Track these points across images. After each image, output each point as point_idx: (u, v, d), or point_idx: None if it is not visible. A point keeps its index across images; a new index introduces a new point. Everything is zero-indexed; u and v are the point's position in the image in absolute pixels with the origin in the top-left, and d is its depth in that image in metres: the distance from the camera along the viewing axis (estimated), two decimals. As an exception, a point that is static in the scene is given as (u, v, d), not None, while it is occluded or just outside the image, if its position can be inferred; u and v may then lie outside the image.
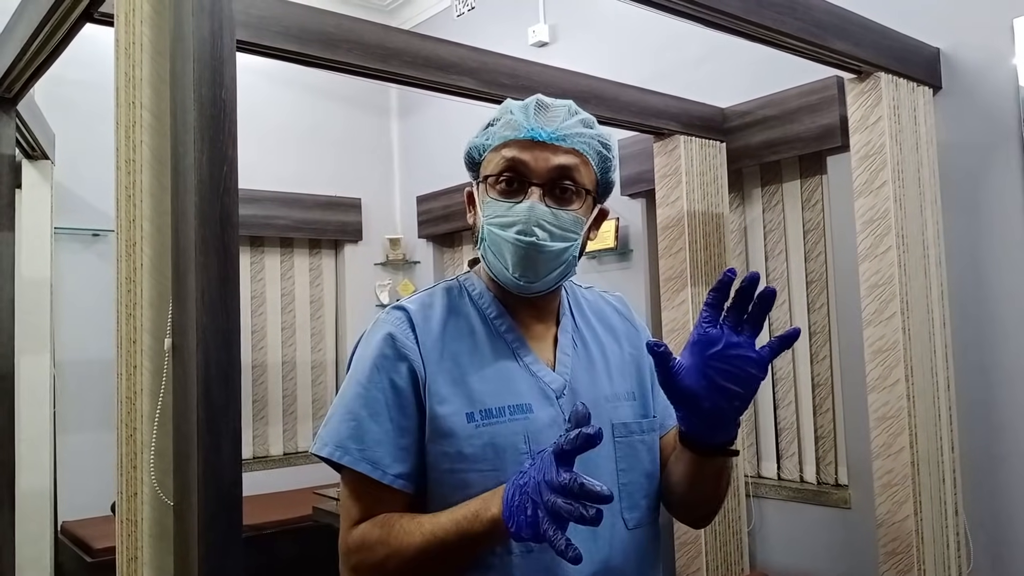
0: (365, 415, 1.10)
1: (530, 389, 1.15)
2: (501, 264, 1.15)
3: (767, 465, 3.19)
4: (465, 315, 1.20)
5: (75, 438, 3.61)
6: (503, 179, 1.14)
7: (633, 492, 1.19)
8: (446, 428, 1.10)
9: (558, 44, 3.97)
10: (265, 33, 1.95)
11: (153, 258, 1.29)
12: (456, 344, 1.16)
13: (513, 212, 1.13)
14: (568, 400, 1.17)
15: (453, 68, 2.36)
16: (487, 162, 1.18)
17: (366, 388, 1.11)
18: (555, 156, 1.14)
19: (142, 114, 1.32)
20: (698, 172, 3.04)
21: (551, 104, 1.18)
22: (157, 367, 1.27)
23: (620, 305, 1.37)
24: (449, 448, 1.10)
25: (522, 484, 0.96)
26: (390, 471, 1.09)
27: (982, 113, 2.54)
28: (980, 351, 2.55)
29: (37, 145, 2.95)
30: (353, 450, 1.09)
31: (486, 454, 1.09)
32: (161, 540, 1.28)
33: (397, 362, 1.12)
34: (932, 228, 2.54)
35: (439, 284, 1.26)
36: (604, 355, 1.26)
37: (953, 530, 2.48)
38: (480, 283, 1.24)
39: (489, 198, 1.16)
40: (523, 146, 1.13)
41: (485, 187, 1.17)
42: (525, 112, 1.16)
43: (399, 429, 1.10)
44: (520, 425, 1.12)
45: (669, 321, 3.04)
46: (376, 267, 4.88)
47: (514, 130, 1.15)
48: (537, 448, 1.10)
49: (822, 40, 2.24)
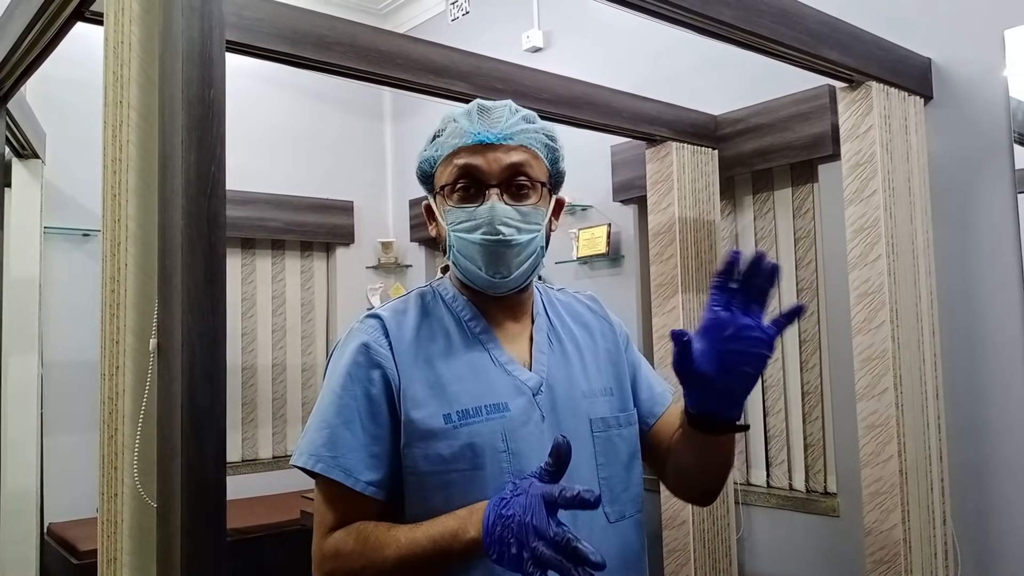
0: (338, 423, 1.12)
1: (506, 388, 1.17)
2: (474, 267, 1.17)
3: (756, 473, 3.19)
4: (439, 319, 1.22)
5: (62, 439, 3.59)
6: (460, 186, 1.17)
7: (613, 486, 1.21)
8: (423, 430, 1.12)
9: (552, 50, 3.97)
10: (258, 35, 1.94)
11: (138, 258, 1.28)
12: (430, 347, 1.18)
13: (476, 215, 1.16)
14: (546, 397, 1.19)
15: (446, 72, 2.35)
16: (440, 173, 1.20)
17: (339, 397, 1.14)
18: (506, 156, 1.17)
19: (130, 113, 1.31)
20: (690, 179, 3.05)
21: (492, 106, 1.21)
22: (140, 368, 1.26)
23: (593, 303, 1.39)
24: (428, 450, 1.11)
25: (505, 515, 0.96)
26: (363, 478, 1.11)
27: (972, 123, 2.55)
28: (969, 360, 2.55)
29: (27, 144, 2.93)
30: (326, 458, 1.11)
31: (464, 454, 1.11)
32: (143, 542, 1.26)
33: (370, 370, 1.14)
34: (922, 237, 2.54)
35: (413, 291, 1.29)
36: (580, 352, 1.28)
37: (941, 539, 2.49)
38: (453, 287, 1.26)
39: (449, 206, 1.18)
40: (473, 151, 1.16)
41: (443, 197, 1.20)
42: (469, 118, 1.19)
43: (372, 437, 1.12)
44: (497, 424, 1.13)
45: (660, 327, 3.04)
46: (368, 270, 4.88)
47: (461, 137, 1.17)
48: (515, 445, 1.12)
49: (814, 49, 2.24)
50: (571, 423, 1.19)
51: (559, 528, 0.92)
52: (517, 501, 0.97)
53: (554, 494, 0.94)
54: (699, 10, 1.94)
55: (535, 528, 0.93)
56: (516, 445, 1.13)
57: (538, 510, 0.94)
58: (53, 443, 3.53)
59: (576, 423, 1.20)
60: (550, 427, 1.17)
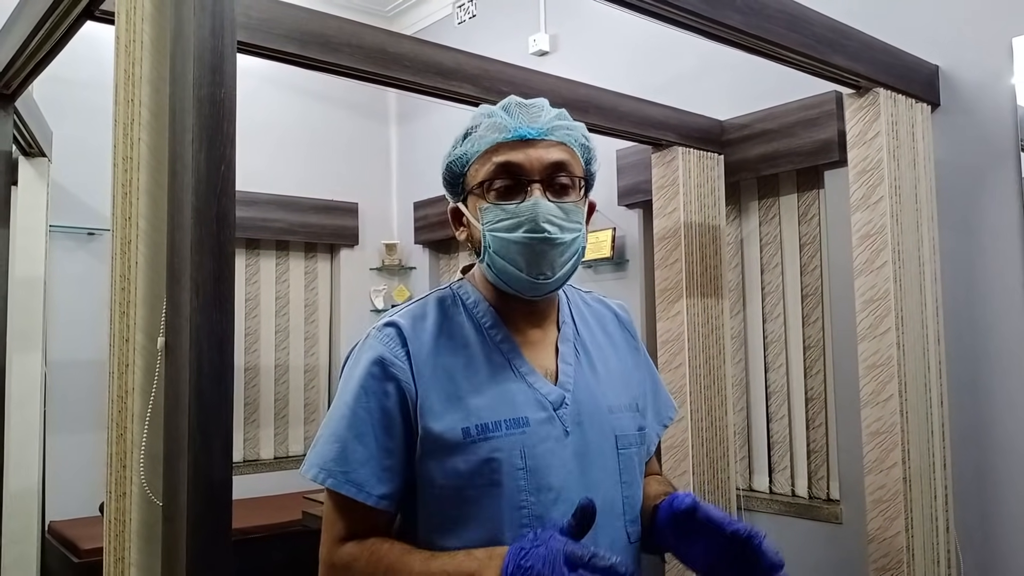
0: (350, 437, 1.10)
1: (526, 401, 1.13)
2: (513, 268, 1.12)
3: (759, 479, 3.19)
4: (459, 325, 1.17)
5: (64, 438, 3.59)
6: (499, 183, 1.12)
7: (634, 505, 1.19)
8: (440, 444, 1.09)
9: (558, 53, 3.97)
10: (266, 35, 1.94)
11: (148, 256, 1.28)
12: (449, 358, 1.14)
13: (518, 212, 1.11)
14: (571, 411, 1.15)
15: (453, 74, 2.36)
16: (474, 171, 1.15)
17: (352, 410, 1.11)
18: (547, 152, 1.13)
19: (141, 112, 1.31)
20: (695, 184, 3.05)
21: (530, 102, 1.17)
22: (149, 366, 1.26)
23: (622, 312, 1.36)
24: (445, 464, 1.09)
25: (525, 567, 0.94)
26: (374, 492, 1.09)
27: (979, 131, 2.55)
28: (973, 368, 2.55)
29: (34, 142, 2.93)
30: (337, 473, 1.09)
31: (482, 470, 1.08)
32: (149, 541, 1.26)
33: (385, 383, 1.11)
34: (928, 244, 2.54)
35: (432, 293, 1.23)
36: (606, 364, 1.24)
37: (944, 547, 2.48)
38: (475, 292, 1.21)
39: (486, 204, 1.13)
40: (513, 147, 1.12)
41: (477, 196, 1.15)
42: (508, 112, 1.15)
43: (385, 450, 1.10)
44: (517, 439, 1.10)
45: (664, 332, 3.04)
46: (371, 272, 4.88)
47: (500, 131, 1.13)
48: (533, 462, 1.09)
49: (822, 55, 2.24)
50: (597, 439, 1.16)
51: None
52: (537, 553, 0.94)
53: (583, 558, 0.92)
54: (707, 14, 1.95)
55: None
56: (534, 462, 1.09)
57: (559, 566, 0.92)
58: (55, 442, 3.53)
59: (602, 439, 1.17)
60: (575, 441, 1.13)
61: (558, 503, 1.09)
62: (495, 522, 1.07)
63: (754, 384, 3.23)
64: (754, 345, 3.23)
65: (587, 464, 1.13)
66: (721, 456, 3.05)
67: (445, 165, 1.19)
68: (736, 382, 3.25)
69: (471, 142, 1.16)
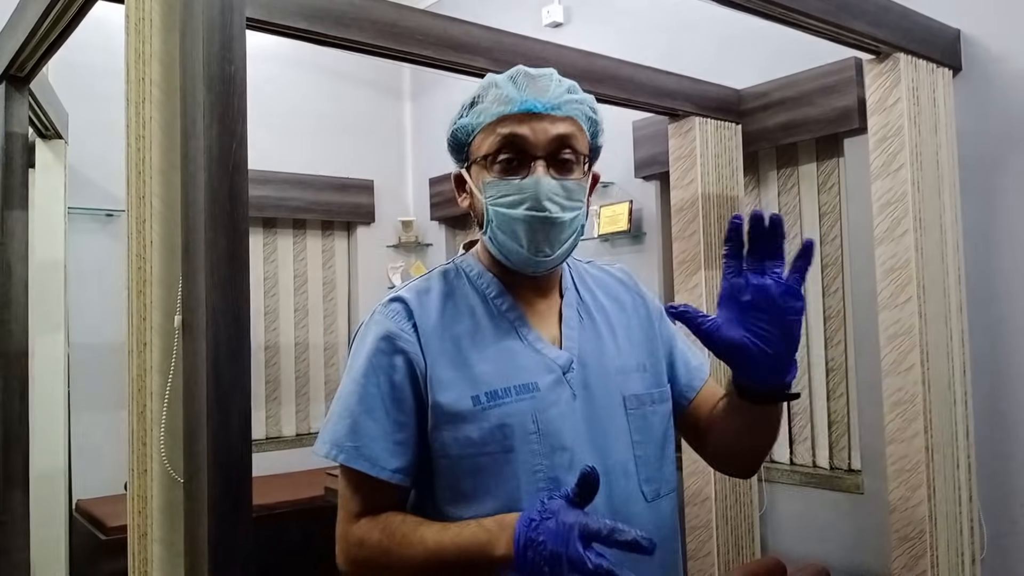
0: (360, 411, 1.10)
1: (535, 367, 1.13)
2: (514, 244, 1.12)
3: (779, 450, 3.18)
4: (464, 297, 1.18)
5: (89, 418, 3.64)
6: (502, 157, 1.12)
7: (650, 463, 1.18)
8: (452, 413, 1.09)
9: (572, 25, 3.93)
10: (277, 11, 1.93)
11: (163, 235, 1.29)
12: (456, 327, 1.14)
13: (520, 189, 1.10)
14: (577, 375, 1.15)
15: (466, 48, 2.33)
16: (479, 142, 1.14)
17: (362, 386, 1.11)
18: (552, 126, 1.11)
19: (152, 90, 1.31)
20: (713, 154, 3.01)
21: (538, 74, 1.15)
22: (167, 345, 1.27)
23: (624, 276, 1.35)
24: (457, 433, 1.09)
25: (537, 541, 0.95)
26: (388, 467, 1.09)
27: (1002, 96, 2.50)
28: (996, 336, 2.52)
29: (51, 125, 2.95)
30: (349, 448, 1.09)
31: (495, 436, 1.08)
32: (171, 517, 1.28)
33: (392, 356, 1.11)
34: (950, 212, 2.50)
35: (435, 269, 1.24)
36: (611, 327, 1.24)
37: (967, 516, 2.47)
38: (478, 264, 1.22)
39: (489, 178, 1.13)
40: (519, 120, 1.10)
41: (481, 168, 1.14)
42: (515, 84, 1.13)
43: (395, 424, 1.10)
44: (527, 404, 1.10)
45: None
46: (388, 249, 4.88)
47: (506, 104, 1.11)
48: (545, 427, 1.10)
49: (841, 20, 2.20)
50: (604, 400, 1.16)
51: (598, 560, 0.92)
52: (547, 526, 0.95)
53: (600, 532, 0.93)
54: (723, -19, 1.92)
55: (570, 561, 0.92)
56: (546, 426, 1.10)
57: (573, 541, 0.92)
58: (80, 422, 3.58)
59: (610, 400, 1.17)
60: (582, 405, 1.14)
61: (573, 465, 1.09)
62: (512, 489, 1.08)
63: (774, 356, 3.21)
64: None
65: (596, 426, 1.14)
66: (741, 428, 3.03)
67: (450, 132, 1.19)
68: (756, 354, 3.22)
69: (477, 112, 1.15)
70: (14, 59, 2.29)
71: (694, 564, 2.96)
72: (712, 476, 2.92)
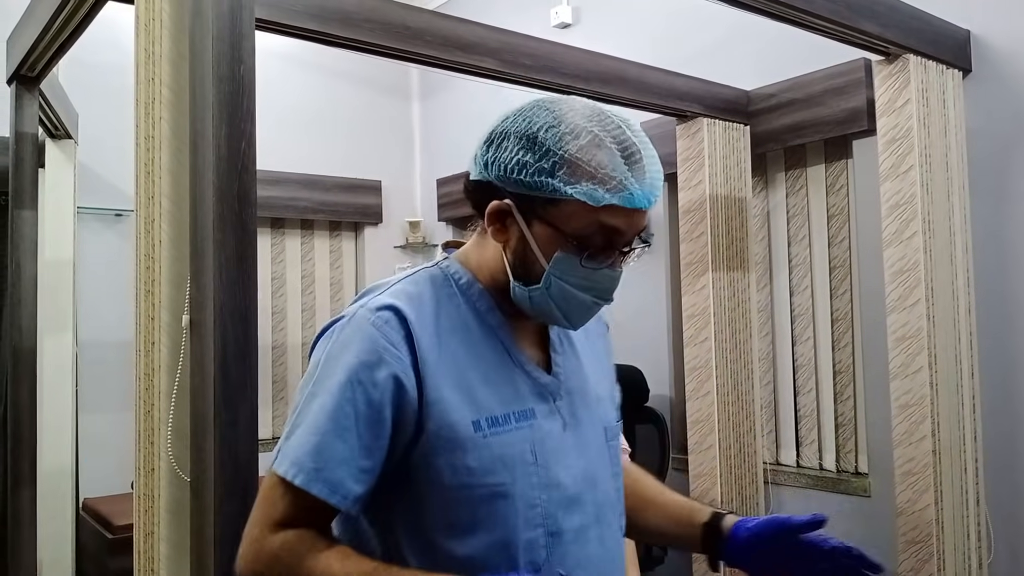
0: (330, 430, 0.97)
1: (529, 392, 1.06)
2: (559, 313, 1.04)
3: (786, 452, 3.17)
4: (456, 307, 1.07)
5: (97, 417, 3.65)
6: (596, 244, 1.00)
7: (623, 497, 1.16)
8: (450, 439, 0.99)
9: (581, 26, 3.93)
10: (285, 12, 1.93)
11: (172, 235, 1.29)
12: (453, 340, 1.04)
13: (597, 280, 1.02)
14: (566, 403, 1.09)
15: (474, 48, 2.34)
16: (567, 212, 0.98)
17: (337, 401, 0.97)
18: (643, 218, 1.02)
19: (161, 90, 1.32)
20: (721, 155, 3.01)
21: (646, 155, 1.00)
22: (175, 344, 1.27)
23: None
24: (455, 461, 0.99)
25: None
26: (348, 495, 0.97)
27: (1012, 97, 2.49)
28: (1005, 340, 2.51)
29: (60, 124, 2.96)
30: (310, 468, 0.96)
31: (494, 467, 0.99)
32: (178, 516, 1.28)
33: (376, 373, 0.98)
34: (959, 214, 2.49)
35: (420, 271, 1.11)
36: (585, 352, 1.18)
37: (974, 520, 2.45)
38: (467, 272, 1.10)
39: (567, 255, 1.00)
40: (625, 212, 0.98)
41: (557, 235, 1.00)
42: (636, 172, 0.98)
43: (365, 449, 0.97)
44: (526, 433, 1.03)
45: (689, 306, 3.02)
46: (396, 250, 4.88)
47: (623, 199, 0.97)
48: (543, 458, 1.03)
49: (851, 21, 2.20)
50: (590, 431, 1.11)
51: None
52: None
53: None
54: (732, -18, 1.91)
55: None
56: (544, 458, 1.03)
57: None
58: (87, 421, 3.58)
59: (594, 431, 1.12)
60: (572, 435, 1.08)
61: (568, 501, 1.04)
62: (508, 524, 1.00)
63: (781, 358, 3.21)
64: (781, 318, 3.20)
65: (585, 458, 1.08)
66: (748, 430, 3.03)
67: (523, 175, 0.99)
68: (763, 356, 3.22)
69: (581, 188, 0.97)
70: (24, 59, 2.30)
71: (700, 567, 2.95)
72: (719, 479, 2.91)
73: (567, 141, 0.98)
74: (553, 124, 0.99)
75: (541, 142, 0.98)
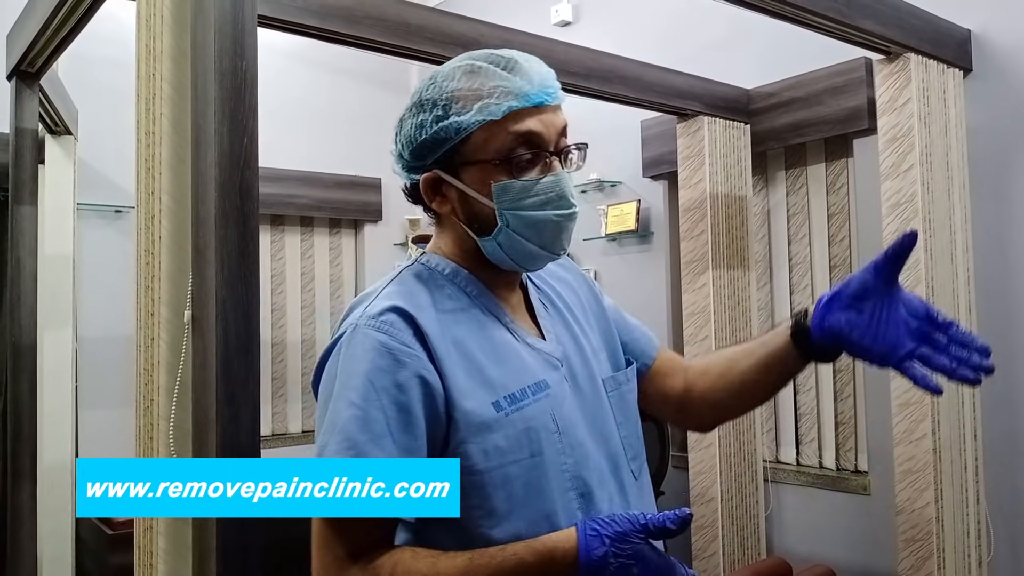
0: (365, 440, 0.95)
1: (538, 364, 1.08)
2: (533, 246, 1.05)
3: (786, 451, 3.17)
4: (448, 297, 1.08)
5: (97, 413, 3.64)
6: (521, 157, 1.02)
7: (633, 443, 1.17)
8: (476, 424, 0.99)
9: (581, 24, 3.92)
10: (286, 8, 1.93)
11: (171, 231, 1.29)
12: (455, 329, 1.04)
13: (545, 189, 1.03)
14: (567, 368, 1.11)
15: (475, 45, 2.33)
16: (480, 141, 1.02)
17: (363, 410, 0.96)
18: (556, 117, 1.04)
19: (162, 86, 1.31)
20: (721, 154, 3.01)
21: (528, 58, 1.06)
22: (175, 340, 1.27)
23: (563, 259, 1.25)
24: (485, 444, 0.99)
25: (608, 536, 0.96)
26: None
27: (1013, 96, 2.49)
28: (1005, 338, 2.51)
29: (60, 120, 2.95)
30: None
31: (522, 441, 1.01)
32: (179, 512, 1.28)
33: (397, 375, 0.97)
34: (960, 213, 2.49)
35: (401, 271, 1.12)
36: (571, 311, 1.20)
37: (974, 518, 2.46)
38: (449, 263, 1.11)
39: (503, 179, 1.02)
40: (531, 114, 1.01)
41: (485, 169, 1.03)
42: (515, 73, 1.03)
43: (404, 452, 0.96)
44: (545, 404, 1.04)
45: (690, 304, 3.02)
46: (395, 247, 4.88)
47: (517, 98, 1.01)
48: (563, 424, 1.05)
49: (851, 19, 2.20)
50: (590, 388, 1.13)
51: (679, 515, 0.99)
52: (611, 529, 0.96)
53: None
54: (733, -20, 1.91)
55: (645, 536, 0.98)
56: (564, 423, 1.05)
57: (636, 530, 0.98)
58: (87, 417, 3.58)
59: (594, 386, 1.14)
60: (577, 395, 1.10)
61: (588, 459, 1.07)
62: (545, 495, 1.02)
63: (781, 356, 3.20)
64: (781, 317, 3.20)
65: (591, 414, 1.11)
66: (747, 428, 3.03)
67: (429, 132, 1.04)
68: (763, 354, 3.22)
69: (476, 108, 1.01)
70: (24, 55, 2.30)
71: (699, 564, 2.95)
72: (718, 476, 2.91)
73: (446, 84, 1.04)
74: (430, 81, 1.07)
75: (426, 99, 1.05)
